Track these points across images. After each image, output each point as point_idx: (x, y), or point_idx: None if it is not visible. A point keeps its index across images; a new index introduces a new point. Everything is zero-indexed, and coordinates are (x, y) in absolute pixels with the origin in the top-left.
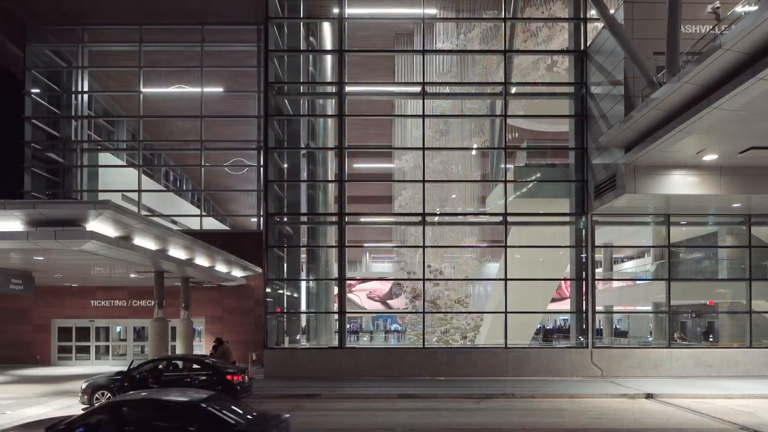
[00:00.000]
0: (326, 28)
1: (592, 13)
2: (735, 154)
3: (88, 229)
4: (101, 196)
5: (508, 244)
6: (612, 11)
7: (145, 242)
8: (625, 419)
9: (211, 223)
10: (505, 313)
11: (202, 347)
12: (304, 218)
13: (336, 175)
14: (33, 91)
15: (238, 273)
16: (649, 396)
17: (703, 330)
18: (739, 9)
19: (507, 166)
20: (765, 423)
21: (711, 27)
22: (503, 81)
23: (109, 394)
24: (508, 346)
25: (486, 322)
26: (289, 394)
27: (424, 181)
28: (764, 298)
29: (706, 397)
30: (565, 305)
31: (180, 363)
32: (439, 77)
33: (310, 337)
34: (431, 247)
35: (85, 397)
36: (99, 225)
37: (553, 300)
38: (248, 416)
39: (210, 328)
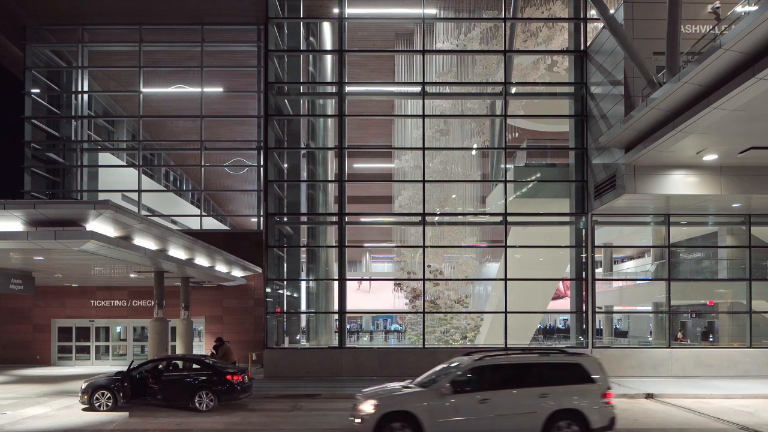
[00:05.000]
0: (326, 28)
1: (592, 13)
2: (735, 154)
3: (88, 229)
4: (101, 196)
5: (508, 244)
6: (612, 11)
7: (145, 242)
8: (625, 419)
9: (211, 223)
10: (505, 313)
11: (202, 347)
12: (304, 218)
13: (336, 175)
14: (33, 91)
15: (238, 273)
16: (649, 396)
17: (703, 330)
18: (739, 9)
19: (507, 166)
20: (765, 423)
21: (711, 27)
22: (503, 81)
23: (108, 394)
24: (508, 346)
25: (486, 322)
26: (288, 394)
27: (424, 181)
28: (764, 298)
29: (706, 397)
30: (565, 303)
31: (180, 363)
32: (439, 77)
33: (310, 337)
34: (431, 247)
35: (85, 397)
36: (99, 225)
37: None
38: None
39: (210, 328)
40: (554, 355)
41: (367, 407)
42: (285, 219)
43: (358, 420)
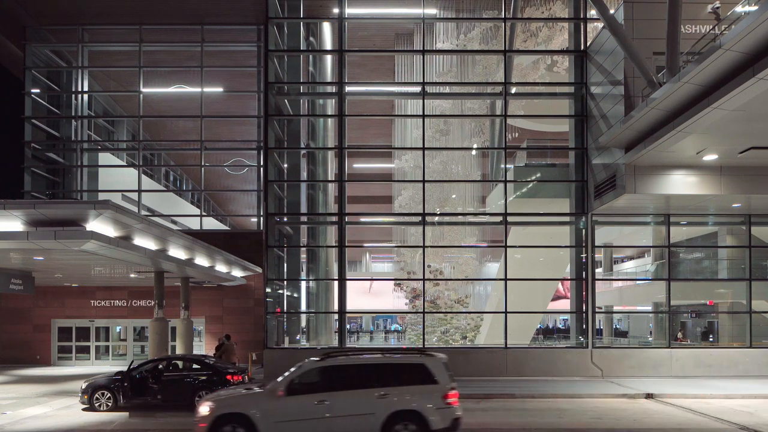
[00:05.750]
0: (326, 28)
1: (592, 13)
2: (735, 154)
3: (88, 229)
4: (101, 196)
5: (508, 244)
6: (612, 11)
7: (145, 242)
8: (625, 419)
9: (211, 223)
10: (505, 313)
11: (203, 347)
12: (304, 218)
13: (336, 175)
14: (33, 91)
15: (238, 273)
16: (649, 396)
17: (703, 330)
18: (739, 9)
19: (507, 166)
20: (765, 423)
21: (711, 27)
22: (503, 81)
23: (108, 394)
24: (508, 346)
25: (486, 322)
26: None
27: (424, 181)
28: (764, 298)
29: (706, 397)
30: (565, 304)
31: (180, 363)
32: (439, 77)
33: (310, 337)
34: (431, 247)
35: (85, 397)
36: (99, 225)
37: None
38: None
39: (210, 328)
40: (398, 355)
41: (204, 409)
42: (285, 219)
43: (195, 421)
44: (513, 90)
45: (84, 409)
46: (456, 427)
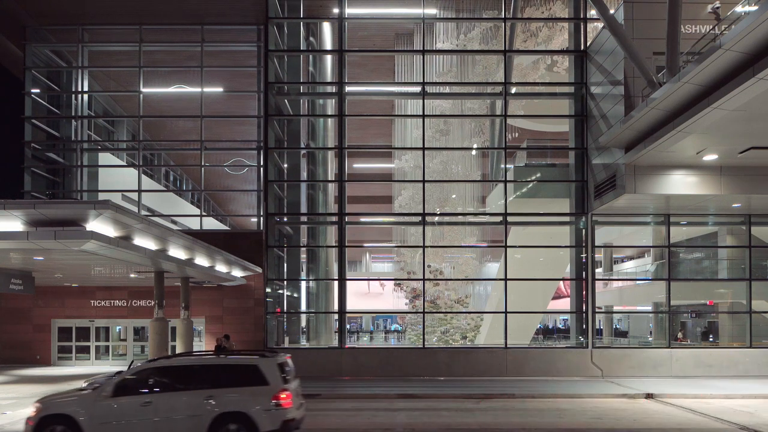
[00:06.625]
0: (326, 28)
1: (592, 13)
2: (735, 154)
3: (88, 229)
4: (101, 196)
5: (508, 244)
6: (612, 11)
7: (145, 242)
8: (625, 419)
9: (211, 223)
10: (505, 313)
11: (202, 347)
12: (304, 218)
13: (336, 175)
14: (33, 91)
15: (238, 273)
16: (649, 396)
17: (703, 330)
18: (739, 9)
19: (507, 166)
20: (765, 423)
21: (711, 27)
22: (503, 81)
23: None
24: (508, 346)
25: (486, 322)
26: None
27: (424, 181)
28: (764, 298)
29: (706, 397)
30: (565, 303)
31: None
32: (439, 77)
33: (310, 337)
34: (431, 247)
35: None
36: (99, 225)
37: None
38: None
39: (210, 328)
40: (231, 357)
41: (32, 410)
42: (285, 219)
43: (26, 420)
44: (513, 90)
45: None
46: (287, 429)
